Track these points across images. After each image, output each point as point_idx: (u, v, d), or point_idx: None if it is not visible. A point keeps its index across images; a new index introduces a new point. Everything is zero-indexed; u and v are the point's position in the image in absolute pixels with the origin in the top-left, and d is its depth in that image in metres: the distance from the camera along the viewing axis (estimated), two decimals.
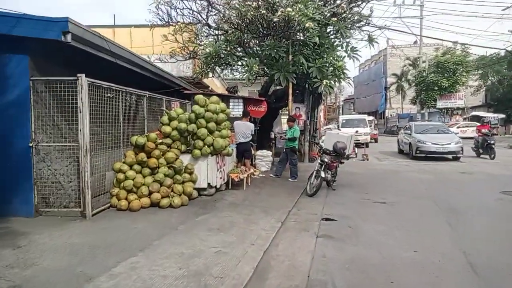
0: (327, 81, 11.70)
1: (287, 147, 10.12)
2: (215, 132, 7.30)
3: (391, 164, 14.06)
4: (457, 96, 37.44)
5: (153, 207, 6.39)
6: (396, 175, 11.31)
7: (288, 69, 11.41)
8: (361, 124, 23.34)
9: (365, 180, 10.36)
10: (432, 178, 10.63)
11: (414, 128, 16.25)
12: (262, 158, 11.20)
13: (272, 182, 9.55)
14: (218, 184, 7.61)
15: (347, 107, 70.75)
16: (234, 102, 12.08)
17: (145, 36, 16.33)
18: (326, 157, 8.46)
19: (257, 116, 12.31)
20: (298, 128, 10.26)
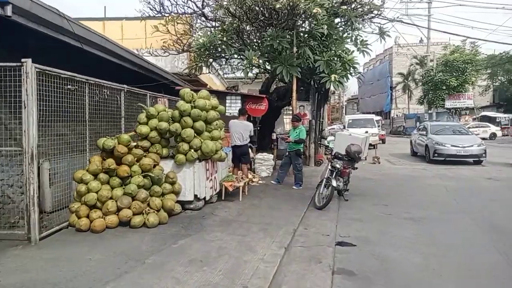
0: (335, 75, 10.40)
1: (290, 150, 8.80)
2: (204, 133, 5.99)
3: (405, 168, 12.70)
4: (466, 96, 36.00)
5: (123, 226, 5.09)
6: (415, 181, 9.96)
7: (292, 62, 10.09)
8: (369, 124, 22.01)
9: (381, 188, 9.02)
10: (457, 185, 9.27)
11: (430, 128, 14.80)
12: (262, 162, 9.88)
13: (274, 190, 8.23)
14: (208, 196, 6.30)
15: (350, 107, 69.40)
16: (231, 99, 10.78)
17: (137, 30, 15.06)
18: (338, 162, 7.14)
19: (257, 115, 11.01)
20: (304, 128, 8.94)
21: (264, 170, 9.86)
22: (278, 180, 8.99)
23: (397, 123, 44.28)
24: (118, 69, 8.51)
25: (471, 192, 8.41)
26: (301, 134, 8.67)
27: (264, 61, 10.50)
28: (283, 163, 9.05)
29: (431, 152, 13.48)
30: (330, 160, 7.34)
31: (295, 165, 8.71)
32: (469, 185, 9.31)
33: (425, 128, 15.31)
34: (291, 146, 8.77)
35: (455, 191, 8.47)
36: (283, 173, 9.00)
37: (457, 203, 7.29)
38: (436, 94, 35.92)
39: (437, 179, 10.33)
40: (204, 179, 6.09)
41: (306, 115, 12.60)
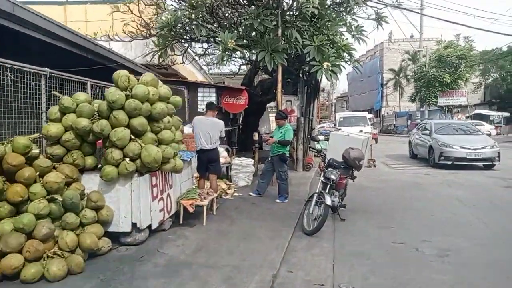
0: (328, 63, 8.72)
1: (273, 154, 7.10)
2: (147, 134, 4.22)
3: (406, 172, 11.12)
4: (460, 93, 34.83)
5: (10, 280, 3.32)
6: (421, 190, 8.36)
7: (276, 47, 8.37)
8: (362, 123, 20.46)
9: (383, 200, 7.39)
10: (472, 196, 7.68)
11: (434, 127, 12.85)
12: (239, 169, 8.14)
13: (252, 206, 6.51)
14: (156, 222, 4.53)
15: (340, 105, 68.17)
16: (204, 91, 9.01)
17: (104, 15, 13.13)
18: (333, 172, 5.46)
19: (235, 111, 9.31)
20: (291, 127, 7.23)
21: (242, 179, 8.12)
22: (258, 191, 7.28)
23: (388, 121, 43.07)
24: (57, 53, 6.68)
25: (494, 207, 6.82)
26: (286, 134, 6.97)
27: (243, 45, 8.76)
28: (265, 170, 7.34)
29: (436, 154, 11.70)
30: (322, 169, 5.65)
31: (279, 173, 7.01)
32: (487, 195, 7.73)
33: (428, 127, 13.45)
34: (275, 150, 7.06)
35: (474, 206, 6.86)
36: (264, 183, 7.29)
37: (485, 225, 5.66)
38: (429, 91, 34.68)
39: (445, 187, 8.74)
40: (149, 199, 4.32)
41: (293, 112, 10.92)
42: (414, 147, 14.27)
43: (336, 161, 5.65)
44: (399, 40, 47.51)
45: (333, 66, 8.88)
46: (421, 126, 14.50)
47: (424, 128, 13.77)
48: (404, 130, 36.60)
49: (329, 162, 5.61)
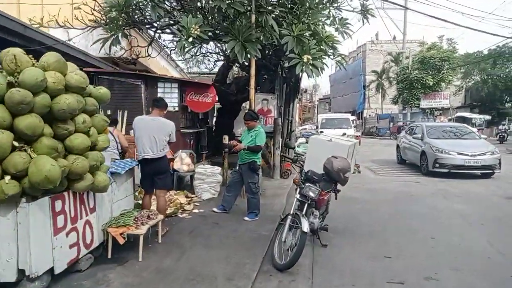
0: (308, 57, 7.59)
1: (242, 162, 5.86)
2: (42, 140, 2.89)
3: (394, 180, 10.06)
4: (442, 96, 34.53)
5: None
6: (414, 203, 7.27)
7: (249, 36, 7.14)
8: (345, 125, 19.46)
9: (372, 217, 6.24)
10: (475, 211, 6.63)
11: (427, 130, 11.58)
12: (203, 179, 6.86)
13: (213, 228, 5.24)
14: (64, 263, 3.21)
15: (322, 107, 67.65)
16: (164, 87, 7.71)
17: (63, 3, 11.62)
18: (312, 188, 4.26)
19: (201, 110, 8.05)
20: (263, 130, 6.00)
21: (206, 190, 6.84)
22: (224, 207, 6.03)
23: (370, 123, 42.51)
24: None
25: (504, 226, 5.74)
26: (258, 138, 5.74)
27: (210, 33, 7.50)
28: (231, 181, 6.09)
29: (430, 161, 10.41)
30: (298, 183, 4.44)
31: (249, 185, 5.78)
32: (491, 210, 6.70)
33: (419, 130, 12.14)
34: (244, 157, 5.83)
35: (481, 225, 5.78)
36: (231, 196, 6.04)
37: (502, 256, 4.55)
38: (411, 93, 34.23)
39: (441, 198, 7.70)
40: (49, 233, 3.01)
41: (270, 112, 9.72)
42: (403, 152, 13.10)
43: (316, 174, 4.45)
44: (382, 42, 47.19)
45: (314, 60, 7.73)
46: (411, 129, 13.27)
47: (414, 131, 12.55)
48: (386, 132, 36.07)
49: (307, 175, 4.40)
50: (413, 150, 11.87)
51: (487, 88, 35.83)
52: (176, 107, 7.66)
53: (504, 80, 33.46)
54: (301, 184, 4.36)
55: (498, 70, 34.47)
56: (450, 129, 12.09)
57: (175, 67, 20.47)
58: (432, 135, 11.36)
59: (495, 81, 34.41)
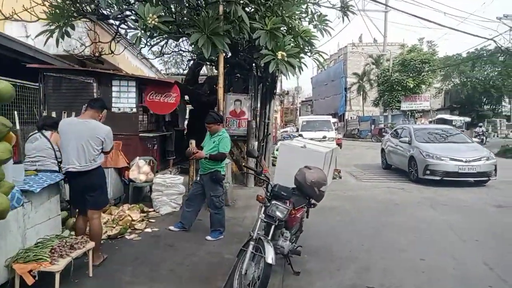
0: (283, 53, 6.89)
1: (204, 172, 5.03)
2: None
3: (377, 186, 9.39)
4: (423, 98, 34.52)
5: None
6: (399, 214, 6.58)
7: (216, 29, 6.37)
8: (326, 127, 18.83)
9: (353, 233, 5.49)
10: (467, 224, 5.96)
11: (415, 134, 10.59)
12: (162, 190, 5.98)
13: (165, 252, 4.39)
14: None
15: (305, 109, 67.45)
16: (120, 85, 6.81)
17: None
18: (279, 206, 3.47)
19: (162, 112, 7.18)
20: (228, 135, 5.17)
21: (166, 203, 5.97)
22: (183, 224, 5.18)
23: (352, 125, 42.29)
24: None
25: (501, 242, 5.08)
26: (222, 144, 4.93)
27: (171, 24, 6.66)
28: (192, 194, 5.24)
29: (420, 167, 9.45)
30: (263, 201, 3.64)
31: (211, 198, 4.96)
32: (483, 222, 6.07)
33: (406, 133, 11.14)
34: (205, 166, 5.00)
35: (476, 241, 5.08)
36: (191, 212, 5.20)
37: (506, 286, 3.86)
38: (392, 96, 34.09)
39: (428, 208, 7.04)
40: None
41: (243, 114, 8.92)
42: (388, 156, 12.22)
43: (285, 189, 3.66)
44: (363, 44, 47.16)
45: (289, 57, 7.04)
46: (396, 132, 12.36)
47: (400, 134, 11.60)
48: (368, 134, 35.88)
49: (273, 191, 3.60)
50: (400, 154, 11.00)
51: (467, 90, 36.10)
52: (134, 108, 6.77)
53: (482, 83, 33.74)
54: (266, 202, 3.57)
55: (477, 72, 34.78)
56: (439, 132, 11.19)
57: (150, 67, 19.42)
58: (420, 138, 10.47)
59: (474, 83, 34.68)
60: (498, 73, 33.21)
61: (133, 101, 6.76)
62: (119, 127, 6.73)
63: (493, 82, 32.99)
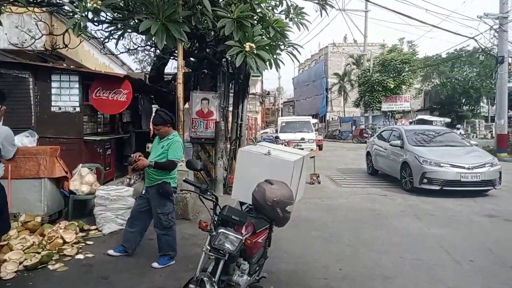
0: (251, 44, 6.08)
1: (150, 184, 4.13)
2: None
3: (358, 193, 8.64)
4: (403, 99, 34.39)
5: None
6: (382, 226, 5.83)
7: (173, 15, 5.49)
8: (305, 128, 18.11)
9: (329, 252, 4.68)
10: (458, 238, 5.24)
11: (407, 136, 9.37)
12: (106, 205, 5.04)
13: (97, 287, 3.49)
14: None
15: (287, 110, 67.05)
16: (61, 81, 5.83)
17: None
18: (230, 236, 2.60)
19: (111, 111, 6.23)
20: (180, 138, 4.29)
21: (110, 220, 5.02)
22: (124, 248, 4.26)
23: (333, 126, 41.92)
24: None
25: (499, 262, 4.38)
26: (171, 150, 4.04)
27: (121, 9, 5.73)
28: (135, 211, 4.32)
29: (416, 175, 8.22)
30: (206, 228, 2.75)
31: (158, 217, 4.06)
32: (476, 236, 5.38)
33: (396, 134, 9.98)
34: (152, 177, 4.10)
35: (470, 262, 4.35)
36: (135, 233, 4.28)
37: None
38: (373, 96, 33.84)
39: (413, 219, 6.33)
40: None
41: (211, 114, 8.03)
42: (375, 160, 10.99)
43: (236, 212, 2.80)
44: (344, 44, 46.93)
45: (259, 49, 6.23)
46: (384, 134, 11.10)
47: (389, 136, 10.34)
48: (349, 135, 35.54)
49: (221, 215, 2.74)
50: (390, 159, 9.79)
51: (446, 91, 36.24)
52: (77, 107, 5.80)
53: (462, 84, 33.88)
54: (212, 230, 2.70)
55: (456, 73, 34.91)
56: (434, 133, 9.97)
57: (121, 65, 18.25)
58: (414, 141, 9.22)
59: (453, 84, 34.82)
60: (476, 74, 33.41)
61: (77, 99, 5.80)
62: (59, 130, 5.81)
63: (472, 83, 33.14)
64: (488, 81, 32.35)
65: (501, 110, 16.14)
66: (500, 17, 16.77)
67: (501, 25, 16.74)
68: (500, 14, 16.78)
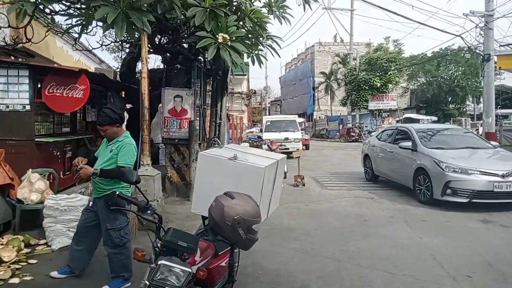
0: (225, 36, 5.54)
1: (98, 195, 3.51)
2: None
3: (343, 196, 8.12)
4: (390, 97, 34.26)
5: None
6: (370, 235, 5.32)
7: (135, 3, 4.88)
8: (291, 127, 17.54)
9: (310, 267, 4.13)
10: (451, 248, 4.77)
11: (419, 137, 7.92)
12: (56, 216, 4.39)
13: None
14: None
15: (274, 109, 66.62)
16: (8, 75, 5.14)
17: None
18: (174, 269, 2.00)
19: (66, 109, 5.57)
20: (132, 140, 3.68)
21: (62, 234, 4.37)
22: (71, 268, 3.63)
23: (320, 125, 41.62)
24: None
25: (500, 278, 3.90)
26: (121, 154, 3.40)
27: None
28: (81, 227, 3.66)
29: (436, 185, 6.80)
30: (142, 258, 2.16)
31: (108, 233, 3.43)
32: (472, 246, 4.89)
33: (404, 134, 8.46)
34: (99, 187, 3.47)
35: (467, 278, 3.85)
36: (83, 251, 3.65)
37: None
38: (360, 95, 33.62)
39: (403, 225, 5.83)
40: None
41: (185, 112, 7.41)
42: (375, 164, 9.41)
43: (184, 236, 2.20)
44: (329, 43, 46.68)
45: (233, 41, 5.67)
46: (387, 134, 9.53)
47: (395, 137, 8.81)
48: (336, 134, 35.27)
49: (164, 240, 2.14)
50: (398, 164, 8.27)
51: (433, 89, 36.22)
52: (27, 105, 5.11)
53: (448, 82, 33.88)
54: (152, 261, 2.11)
55: (442, 72, 34.91)
56: (451, 134, 8.60)
57: (99, 63, 17.37)
58: (429, 143, 7.78)
59: (439, 82, 34.80)
60: (462, 72, 33.45)
61: (27, 96, 5.11)
62: (7, 131, 5.12)
63: (458, 82, 33.16)
64: (473, 80, 32.42)
65: (489, 108, 15.89)
66: (486, 15, 16.52)
67: (486, 23, 16.50)
68: (485, 12, 16.53)
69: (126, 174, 2.70)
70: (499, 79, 21.58)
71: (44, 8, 5.24)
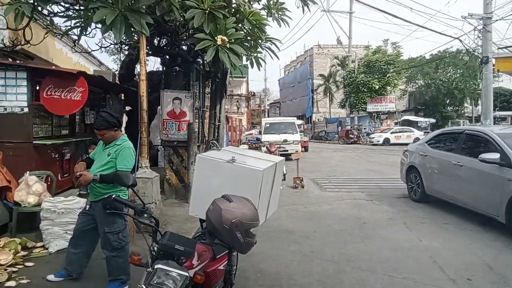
0: (223, 38, 5.52)
1: (95, 199, 3.48)
2: None
3: (342, 198, 8.10)
4: (388, 99, 34.32)
5: None
6: (369, 238, 5.29)
7: (134, 4, 4.86)
8: (290, 130, 17.54)
9: (309, 271, 4.10)
10: (448, 250, 4.75)
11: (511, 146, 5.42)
12: (53, 219, 4.35)
13: None
14: None
15: (273, 111, 66.68)
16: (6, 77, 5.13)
17: None
18: (171, 273, 1.99)
19: (64, 112, 5.54)
20: (130, 144, 3.65)
21: (59, 237, 4.33)
22: (68, 271, 3.60)
23: (319, 127, 41.72)
24: None
25: (499, 281, 3.88)
26: (120, 158, 3.38)
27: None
28: (78, 230, 3.63)
29: None
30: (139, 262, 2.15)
31: (106, 237, 3.41)
32: (471, 248, 4.89)
33: (482, 144, 6.01)
34: (96, 190, 3.44)
35: (467, 281, 3.85)
36: (80, 254, 3.62)
37: None
38: (358, 97, 33.71)
39: (402, 228, 5.81)
40: None
41: (184, 115, 7.39)
42: (429, 181, 7.10)
43: (180, 240, 2.18)
44: (328, 46, 46.75)
45: (232, 43, 5.66)
46: (446, 140, 7.20)
47: (457, 143, 6.59)
48: (335, 136, 35.38)
49: (161, 244, 2.13)
50: (476, 185, 5.97)
51: (431, 92, 36.31)
52: (26, 107, 5.10)
53: (446, 84, 33.98)
54: (148, 265, 2.10)
55: (440, 74, 35.01)
56: None
57: (99, 65, 17.34)
58: None
59: (438, 85, 34.90)
60: (460, 75, 33.54)
61: (25, 98, 5.09)
62: (5, 133, 5.09)
63: (456, 84, 33.25)
64: (472, 82, 32.50)
65: (487, 110, 15.93)
66: (484, 17, 16.57)
67: (485, 25, 16.54)
68: (484, 15, 16.58)
69: (122, 178, 2.69)
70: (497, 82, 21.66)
71: (42, 10, 5.23)
